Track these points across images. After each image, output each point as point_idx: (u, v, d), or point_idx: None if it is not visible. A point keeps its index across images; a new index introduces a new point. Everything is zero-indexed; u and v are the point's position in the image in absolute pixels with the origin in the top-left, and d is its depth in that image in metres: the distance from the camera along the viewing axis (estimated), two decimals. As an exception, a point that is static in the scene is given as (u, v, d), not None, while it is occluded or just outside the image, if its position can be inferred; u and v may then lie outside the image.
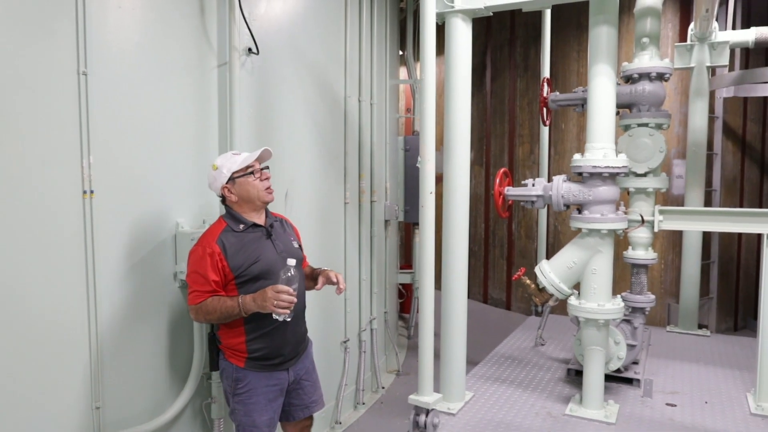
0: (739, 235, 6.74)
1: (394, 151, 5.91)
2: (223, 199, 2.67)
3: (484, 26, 8.22)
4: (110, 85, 2.62)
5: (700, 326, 4.91)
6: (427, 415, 2.92)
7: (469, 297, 9.00)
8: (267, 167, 2.71)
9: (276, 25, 3.61)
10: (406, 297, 6.71)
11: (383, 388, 5.07)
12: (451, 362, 3.26)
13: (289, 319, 2.48)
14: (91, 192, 2.52)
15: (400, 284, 6.51)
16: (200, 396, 3.21)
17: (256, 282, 2.56)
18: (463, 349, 3.27)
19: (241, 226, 2.61)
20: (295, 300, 2.44)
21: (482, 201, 8.43)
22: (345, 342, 4.48)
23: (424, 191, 2.88)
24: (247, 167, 2.60)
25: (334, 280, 2.77)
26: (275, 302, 2.38)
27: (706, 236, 6.26)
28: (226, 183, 2.60)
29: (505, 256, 8.05)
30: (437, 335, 3.25)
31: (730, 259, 6.73)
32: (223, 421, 3.26)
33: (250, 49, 3.31)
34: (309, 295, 2.90)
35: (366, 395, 4.81)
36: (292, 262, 2.46)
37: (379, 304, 5.14)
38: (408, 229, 8.44)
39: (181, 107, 3.02)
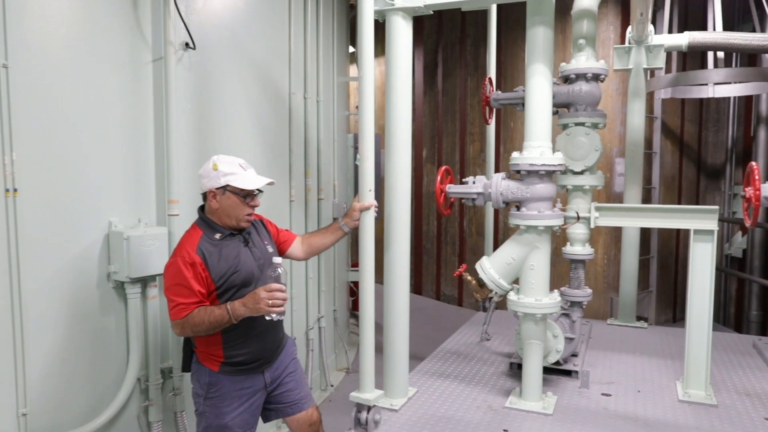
0: (677, 230, 7.01)
1: (343, 149, 5.91)
2: (204, 196, 2.59)
3: (436, 24, 8.29)
4: (35, 79, 2.54)
5: (639, 318, 5.07)
6: (368, 412, 2.92)
7: (422, 294, 9.11)
8: (261, 192, 2.63)
9: (215, 20, 3.55)
10: (357, 295, 6.70)
11: (332, 386, 5.07)
12: (394, 359, 3.27)
13: (283, 318, 2.46)
14: (15, 190, 2.44)
15: (352, 282, 6.51)
16: (138, 399, 3.14)
17: (238, 291, 2.52)
18: (406, 346, 3.29)
19: (218, 235, 2.55)
20: (288, 297, 2.42)
21: (434, 199, 8.51)
22: (291, 341, 4.45)
23: (363, 189, 2.88)
24: (244, 190, 2.52)
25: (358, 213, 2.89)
26: (270, 302, 2.34)
27: (646, 232, 6.49)
28: (216, 188, 2.51)
29: (457, 253, 8.15)
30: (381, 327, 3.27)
31: (669, 253, 7.00)
32: (162, 424, 3.20)
33: (187, 44, 3.26)
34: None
35: (315, 394, 4.80)
36: (278, 259, 2.44)
37: (327, 302, 5.14)
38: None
39: (114, 102, 2.95)
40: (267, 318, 2.41)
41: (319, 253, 3.23)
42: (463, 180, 3.42)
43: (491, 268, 3.27)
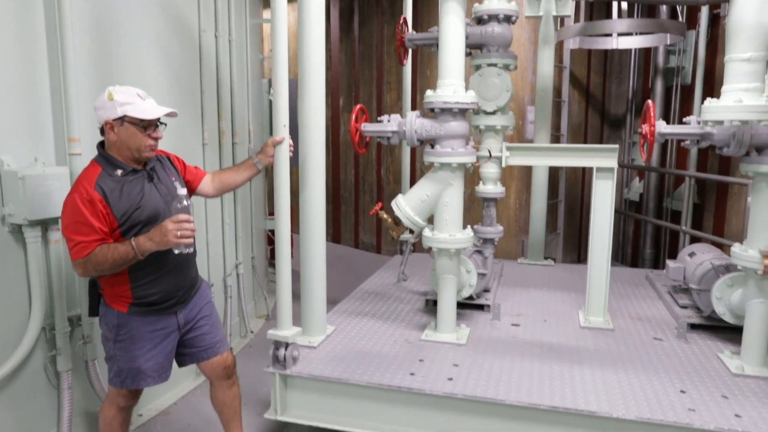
0: (583, 175, 7.41)
1: (258, 93, 5.74)
2: (102, 131, 2.44)
3: (351, -30, 8.10)
4: None
5: (547, 258, 5.38)
6: (286, 349, 2.95)
7: (340, 242, 9.12)
8: (165, 124, 2.51)
9: (114, -55, 3.29)
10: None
11: (252, 332, 5.05)
12: (311, 297, 3.31)
13: (191, 251, 2.41)
14: None
15: (270, 231, 6.44)
16: (44, 349, 3.00)
17: (143, 228, 2.40)
18: (323, 283, 3.33)
19: (120, 172, 2.42)
20: (196, 229, 2.35)
21: (351, 147, 8.48)
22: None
23: (277, 124, 2.82)
24: (144, 120, 2.39)
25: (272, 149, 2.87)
26: (178, 233, 2.26)
27: (554, 177, 6.80)
28: (113, 119, 2.36)
29: (375, 201, 8.21)
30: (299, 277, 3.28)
31: (575, 198, 7.39)
32: (72, 373, 3.08)
33: (82, -31, 3.00)
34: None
35: (234, 340, 4.77)
36: (183, 191, 2.37)
37: (245, 248, 5.06)
38: (277, 176, 8.32)
39: (-1, 32, 2.69)
40: (176, 251, 2.35)
41: (231, 190, 3.17)
42: (379, 118, 3.43)
43: (406, 205, 3.33)
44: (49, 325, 3.00)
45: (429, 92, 3.18)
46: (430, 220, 3.40)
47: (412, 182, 5.48)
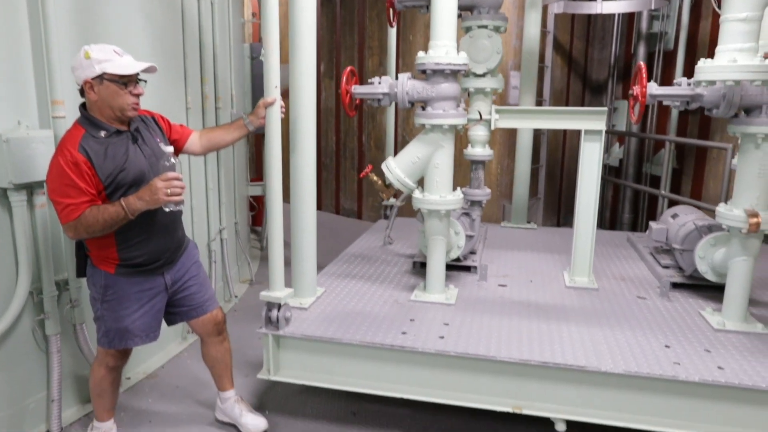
0: (564, 141, 7.47)
1: (240, 58, 5.63)
2: (81, 92, 2.40)
3: (332, -70, 7.90)
4: None
5: (529, 222, 5.45)
6: (278, 310, 2.96)
7: (321, 209, 9.08)
8: (145, 81, 2.46)
9: None
10: (257, 209, 6.62)
11: (236, 297, 5.06)
12: (302, 260, 3.31)
13: (181, 209, 2.40)
14: None
15: (252, 197, 6.40)
16: (31, 314, 2.97)
17: (128, 190, 2.38)
18: (313, 244, 3.33)
19: (103, 133, 2.38)
20: (186, 186, 2.34)
21: (333, 114, 8.41)
22: (194, 252, 4.33)
23: (269, 85, 2.77)
24: (123, 76, 2.34)
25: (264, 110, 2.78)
26: (168, 191, 2.24)
27: (536, 142, 6.84)
28: (92, 78, 2.31)
29: (355, 167, 8.19)
30: (288, 244, 3.27)
31: (555, 163, 7.46)
32: (60, 337, 3.06)
33: None
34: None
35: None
36: (169, 149, 2.33)
37: (228, 214, 5.02)
38: (258, 141, 8.22)
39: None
40: (166, 209, 2.34)
41: (218, 149, 3.16)
42: (369, 81, 3.39)
43: (397, 167, 3.32)
44: (37, 289, 2.96)
45: (421, 53, 3.15)
46: (420, 183, 3.40)
47: (395, 148, 5.48)
